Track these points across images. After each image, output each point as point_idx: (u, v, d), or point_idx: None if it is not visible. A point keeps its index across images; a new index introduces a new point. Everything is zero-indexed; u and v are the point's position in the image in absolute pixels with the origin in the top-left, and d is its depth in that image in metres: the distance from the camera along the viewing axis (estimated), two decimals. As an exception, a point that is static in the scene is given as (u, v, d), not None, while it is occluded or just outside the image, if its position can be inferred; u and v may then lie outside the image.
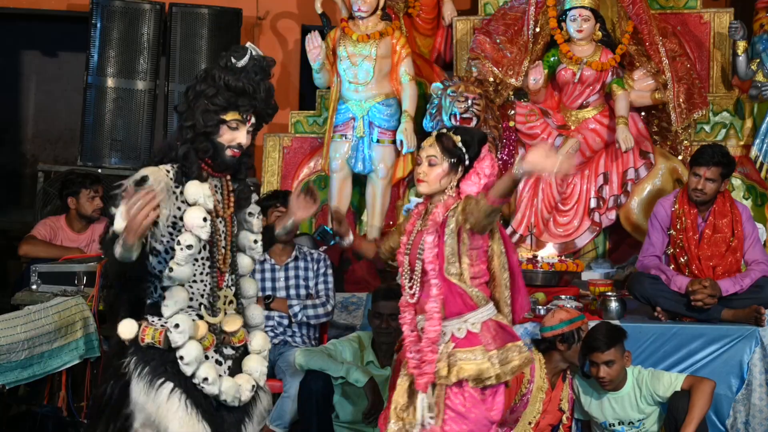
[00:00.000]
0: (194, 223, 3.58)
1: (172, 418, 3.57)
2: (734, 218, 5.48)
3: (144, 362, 3.62)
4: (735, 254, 5.52)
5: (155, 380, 3.59)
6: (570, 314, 5.11)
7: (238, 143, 3.67)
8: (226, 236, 3.74)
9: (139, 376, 3.60)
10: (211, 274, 3.69)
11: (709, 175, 5.42)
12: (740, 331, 5.33)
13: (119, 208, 3.47)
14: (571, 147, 6.38)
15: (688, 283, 5.39)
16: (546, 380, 5.07)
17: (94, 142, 7.36)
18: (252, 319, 3.85)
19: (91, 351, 5.28)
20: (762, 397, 5.29)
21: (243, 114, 3.66)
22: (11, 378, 5.04)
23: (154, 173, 3.55)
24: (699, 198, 5.47)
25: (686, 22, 6.89)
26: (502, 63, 6.54)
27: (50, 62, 8.81)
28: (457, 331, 3.90)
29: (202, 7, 7.50)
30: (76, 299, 5.31)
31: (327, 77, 6.72)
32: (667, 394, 5.03)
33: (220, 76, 3.62)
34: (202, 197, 3.62)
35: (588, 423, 5.27)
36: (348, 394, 5.21)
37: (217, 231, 3.69)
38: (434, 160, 3.96)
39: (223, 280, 3.73)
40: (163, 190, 3.52)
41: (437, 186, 3.96)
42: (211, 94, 3.62)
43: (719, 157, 5.43)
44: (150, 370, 3.61)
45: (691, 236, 5.52)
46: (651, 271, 5.51)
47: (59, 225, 6.49)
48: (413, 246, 3.99)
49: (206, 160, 3.67)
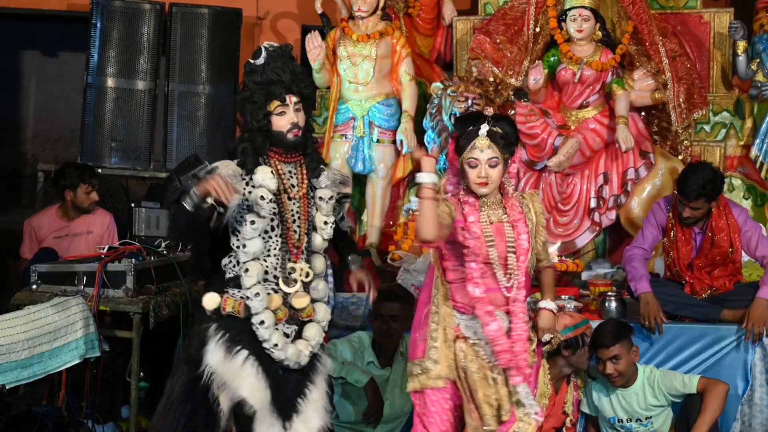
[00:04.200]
0: (256, 201, 4.07)
1: (244, 383, 4.02)
2: (731, 230, 5.44)
3: (224, 330, 4.08)
4: (734, 263, 5.51)
5: (233, 347, 4.05)
6: (574, 319, 5.10)
7: (292, 123, 4.12)
8: (301, 216, 4.16)
9: (218, 342, 4.06)
10: (282, 249, 4.12)
11: (693, 206, 5.37)
12: (741, 332, 5.33)
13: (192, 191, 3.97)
14: (571, 147, 6.38)
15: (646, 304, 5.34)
16: (550, 386, 5.07)
17: (94, 142, 7.36)
18: (316, 293, 4.23)
19: (91, 351, 5.28)
20: (762, 397, 5.30)
21: (281, 98, 4.10)
22: (11, 378, 5.04)
23: (223, 163, 4.09)
24: (687, 222, 5.44)
25: (686, 22, 6.88)
26: (502, 63, 6.53)
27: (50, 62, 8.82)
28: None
29: (202, 7, 7.50)
30: (76, 299, 5.30)
31: (327, 77, 6.72)
32: (680, 394, 5.05)
33: (250, 80, 4.12)
34: (265, 180, 4.08)
35: (595, 420, 5.27)
36: (348, 394, 5.21)
37: (288, 210, 4.14)
38: (495, 162, 4.02)
39: (299, 256, 4.16)
40: (231, 176, 4.01)
41: (497, 184, 4.06)
42: (249, 96, 4.12)
43: (702, 188, 5.29)
44: (229, 337, 4.06)
45: (682, 248, 5.49)
46: (629, 263, 5.48)
47: (48, 215, 6.59)
48: (497, 239, 4.04)
49: (273, 149, 4.14)
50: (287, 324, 4.16)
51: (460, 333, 4.11)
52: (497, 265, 4.04)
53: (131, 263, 5.50)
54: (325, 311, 4.26)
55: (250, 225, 4.06)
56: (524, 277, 4.09)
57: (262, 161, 4.15)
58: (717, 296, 5.47)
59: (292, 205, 4.17)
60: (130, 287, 5.46)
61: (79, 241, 6.47)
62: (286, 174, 4.18)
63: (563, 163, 6.43)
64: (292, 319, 4.17)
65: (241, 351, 4.05)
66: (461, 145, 4.05)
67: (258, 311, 4.07)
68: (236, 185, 4.00)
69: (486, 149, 3.99)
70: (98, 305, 5.40)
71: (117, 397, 5.90)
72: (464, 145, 4.04)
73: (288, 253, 4.15)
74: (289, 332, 4.15)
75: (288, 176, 4.18)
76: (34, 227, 6.59)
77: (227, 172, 4.04)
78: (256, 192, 4.09)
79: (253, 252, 4.09)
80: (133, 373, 5.46)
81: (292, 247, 4.16)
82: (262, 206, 4.08)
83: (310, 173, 4.22)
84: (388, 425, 5.24)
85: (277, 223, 4.13)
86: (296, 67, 4.16)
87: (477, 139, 4.01)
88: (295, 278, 4.16)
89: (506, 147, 4.02)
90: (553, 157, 6.45)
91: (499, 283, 4.05)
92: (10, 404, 5.22)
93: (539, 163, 6.59)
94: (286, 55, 4.15)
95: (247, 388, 4.03)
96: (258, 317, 4.07)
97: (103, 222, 6.56)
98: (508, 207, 4.07)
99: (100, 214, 6.60)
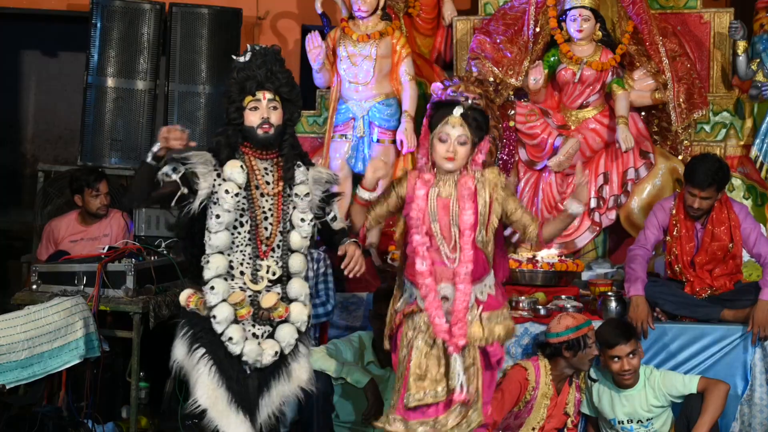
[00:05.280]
0: (220, 195, 4.10)
1: (198, 380, 4.07)
2: (731, 224, 5.46)
3: (189, 326, 4.16)
4: (735, 259, 5.52)
5: (193, 344, 4.11)
6: (576, 321, 5.10)
7: (262, 119, 4.14)
8: (274, 213, 4.17)
9: (182, 338, 4.15)
10: (251, 245, 4.13)
11: (704, 195, 5.39)
12: (741, 332, 5.33)
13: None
14: (572, 147, 6.37)
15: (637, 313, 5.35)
16: (551, 386, 5.07)
17: (94, 142, 7.35)
18: (291, 292, 4.21)
19: (91, 351, 5.28)
20: (762, 397, 5.30)
21: (251, 93, 4.15)
22: (11, 378, 5.04)
23: (196, 153, 4.12)
24: (696, 214, 5.45)
25: (686, 22, 6.88)
26: (502, 63, 6.53)
27: (50, 62, 8.81)
28: (480, 294, 4.18)
29: (202, 7, 7.49)
30: (76, 299, 5.30)
31: (327, 77, 6.73)
32: (681, 395, 5.05)
33: (231, 76, 4.20)
34: (233, 174, 4.10)
35: (595, 420, 5.27)
36: (348, 394, 5.21)
37: (258, 207, 4.15)
38: (463, 139, 4.17)
39: (267, 254, 4.15)
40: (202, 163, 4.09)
41: (463, 162, 4.19)
42: (226, 91, 4.20)
43: (713, 176, 5.35)
44: (192, 334, 4.13)
45: (685, 245, 5.50)
46: (629, 264, 5.49)
47: (68, 218, 6.58)
48: (440, 213, 4.16)
49: (246, 144, 4.18)
50: (258, 324, 4.15)
51: (415, 307, 4.21)
52: (440, 238, 4.16)
53: (131, 263, 5.50)
54: (300, 311, 4.23)
55: (215, 218, 4.09)
56: (472, 251, 4.13)
57: (238, 156, 4.18)
58: (717, 296, 5.48)
59: (264, 202, 4.18)
60: (130, 287, 5.46)
61: (95, 244, 6.43)
62: (261, 170, 4.20)
63: (563, 163, 6.43)
64: (262, 319, 4.16)
65: (198, 349, 4.10)
66: (434, 121, 4.23)
67: (212, 304, 4.08)
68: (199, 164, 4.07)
69: (458, 126, 4.18)
70: (98, 305, 5.40)
71: (117, 397, 5.90)
72: (437, 120, 4.21)
73: (256, 249, 4.15)
74: (260, 333, 4.15)
75: (263, 173, 4.20)
76: (53, 229, 6.58)
77: (199, 160, 4.09)
78: (223, 185, 4.11)
79: (216, 245, 4.11)
80: (133, 373, 5.46)
81: (261, 244, 4.16)
82: (226, 200, 4.09)
83: (285, 172, 4.21)
84: (388, 425, 5.23)
85: (246, 219, 4.15)
86: (277, 67, 4.20)
87: (450, 117, 4.19)
88: (261, 275, 4.15)
89: (476, 130, 4.19)
90: (553, 157, 6.45)
91: (442, 256, 4.16)
92: (10, 404, 5.21)
93: (539, 163, 6.60)
94: (268, 54, 4.20)
95: (199, 386, 4.07)
96: (212, 311, 4.08)
97: (119, 223, 6.55)
98: (460, 184, 4.17)
99: (115, 216, 6.58)
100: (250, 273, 4.15)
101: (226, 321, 4.09)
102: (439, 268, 4.17)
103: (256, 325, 4.16)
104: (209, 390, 4.07)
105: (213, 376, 4.07)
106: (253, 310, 4.15)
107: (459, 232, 4.13)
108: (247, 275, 4.15)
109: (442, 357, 4.16)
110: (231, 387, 4.09)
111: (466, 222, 4.13)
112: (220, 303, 4.09)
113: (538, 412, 5.04)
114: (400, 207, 4.29)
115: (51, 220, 6.69)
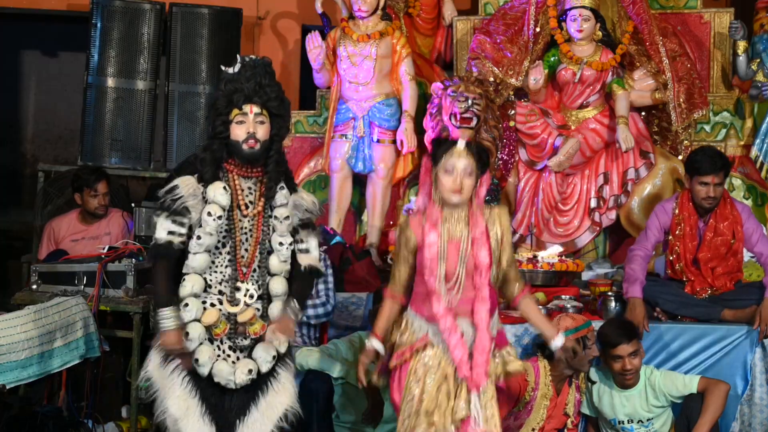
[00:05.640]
0: (203, 217, 4.03)
1: (170, 389, 4.03)
2: (734, 220, 5.47)
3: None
4: (736, 256, 5.52)
5: (168, 355, 4.05)
6: (576, 322, 5.09)
7: (248, 133, 4.04)
8: (253, 235, 4.09)
9: (157, 350, 4.09)
10: (231, 267, 4.07)
11: (716, 181, 5.40)
12: (741, 332, 5.33)
13: (159, 219, 4.06)
14: (572, 147, 6.37)
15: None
16: (551, 387, 5.06)
17: (94, 142, 7.34)
18: (272, 314, 4.13)
19: (91, 351, 5.29)
20: (762, 397, 5.30)
21: (238, 106, 4.05)
22: (11, 378, 5.04)
23: (183, 181, 4.05)
24: (711, 205, 5.44)
25: (686, 22, 6.89)
26: (502, 63, 6.53)
27: (50, 62, 8.80)
28: (492, 330, 4.14)
29: (202, 7, 7.49)
30: (76, 299, 5.31)
31: (327, 77, 6.73)
32: (681, 395, 5.04)
33: (219, 87, 4.11)
34: (216, 196, 4.04)
35: (595, 421, 5.27)
36: (348, 394, 5.20)
37: (238, 228, 4.08)
38: (470, 170, 4.11)
39: (247, 276, 4.09)
40: (191, 196, 4.03)
41: (468, 195, 4.13)
42: (214, 103, 4.10)
43: (720, 160, 5.41)
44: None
45: (688, 243, 5.50)
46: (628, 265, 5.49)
47: (69, 218, 6.58)
48: (450, 253, 4.10)
49: (231, 161, 4.09)
50: (237, 341, 4.09)
51: (428, 340, 4.14)
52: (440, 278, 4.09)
53: (131, 263, 5.50)
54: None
55: (196, 239, 4.03)
56: (487, 289, 4.10)
57: (222, 174, 4.09)
58: (717, 296, 5.47)
59: (245, 223, 4.10)
60: (130, 287, 5.46)
61: (96, 243, 6.44)
62: (244, 190, 4.11)
63: (563, 163, 6.43)
64: (238, 334, 4.09)
65: (173, 360, 4.06)
66: (438, 155, 4.14)
67: (184, 321, 4.02)
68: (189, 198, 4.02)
69: (463, 157, 4.09)
70: (98, 305, 5.40)
71: (117, 397, 5.90)
72: (441, 153, 4.13)
73: (236, 271, 4.09)
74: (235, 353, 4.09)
75: (246, 192, 4.12)
76: (54, 228, 6.58)
77: (187, 192, 4.02)
78: (206, 207, 4.04)
79: (193, 267, 4.05)
80: (133, 373, 5.46)
81: (240, 266, 4.09)
82: (208, 222, 4.02)
83: (267, 191, 4.13)
84: (388, 425, 5.23)
85: (228, 240, 4.08)
86: (266, 80, 4.09)
87: (455, 148, 4.11)
88: (239, 297, 4.09)
89: (479, 162, 4.12)
90: (554, 157, 6.45)
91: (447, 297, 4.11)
92: (10, 404, 5.21)
93: (539, 163, 6.60)
94: (258, 66, 4.09)
95: (170, 395, 4.03)
96: (186, 328, 4.02)
97: (119, 222, 6.55)
98: (472, 222, 4.12)
99: (115, 215, 6.58)
100: (228, 293, 4.08)
101: (198, 339, 4.04)
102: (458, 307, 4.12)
103: (236, 342, 4.10)
104: (180, 400, 4.02)
105: (186, 386, 4.03)
106: (230, 326, 4.09)
107: (476, 272, 4.08)
108: (225, 296, 4.08)
109: (452, 391, 4.11)
110: (206, 398, 4.05)
111: (483, 262, 4.09)
112: (193, 321, 4.04)
113: (537, 413, 5.04)
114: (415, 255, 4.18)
115: (51, 220, 6.69)
